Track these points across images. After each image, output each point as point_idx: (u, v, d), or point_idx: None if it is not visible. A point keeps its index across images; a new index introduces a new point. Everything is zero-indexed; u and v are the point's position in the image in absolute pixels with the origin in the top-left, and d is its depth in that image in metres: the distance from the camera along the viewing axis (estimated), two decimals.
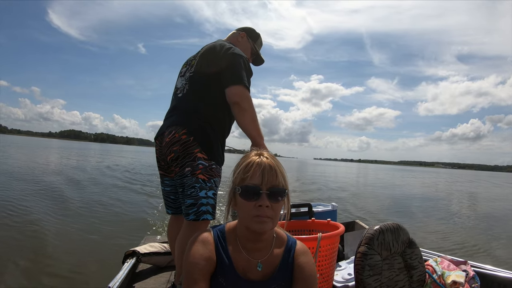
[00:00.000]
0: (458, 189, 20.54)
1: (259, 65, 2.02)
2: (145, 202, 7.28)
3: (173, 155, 1.48)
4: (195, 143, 1.46)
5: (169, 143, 1.49)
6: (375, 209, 9.02)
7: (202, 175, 1.44)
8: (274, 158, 0.88)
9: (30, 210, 5.41)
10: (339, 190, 13.96)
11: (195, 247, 0.86)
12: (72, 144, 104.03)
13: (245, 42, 1.85)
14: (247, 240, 0.89)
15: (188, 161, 1.45)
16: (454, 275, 1.45)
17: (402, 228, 1.51)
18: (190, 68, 1.65)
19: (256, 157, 0.86)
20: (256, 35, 1.92)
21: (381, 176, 33.11)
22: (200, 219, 1.43)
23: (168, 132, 1.51)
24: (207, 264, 0.84)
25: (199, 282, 0.80)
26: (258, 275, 0.88)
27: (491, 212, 10.30)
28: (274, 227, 0.88)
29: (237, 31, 1.89)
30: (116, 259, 2.45)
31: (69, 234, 4.41)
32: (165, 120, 1.64)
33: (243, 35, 1.86)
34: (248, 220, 0.84)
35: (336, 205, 2.76)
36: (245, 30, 1.89)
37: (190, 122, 1.50)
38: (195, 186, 1.43)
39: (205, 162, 1.46)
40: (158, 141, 1.61)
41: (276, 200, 0.84)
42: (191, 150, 1.45)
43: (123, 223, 5.20)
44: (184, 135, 1.46)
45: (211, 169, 1.48)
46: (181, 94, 1.62)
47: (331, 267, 1.59)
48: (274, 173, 0.84)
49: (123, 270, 1.79)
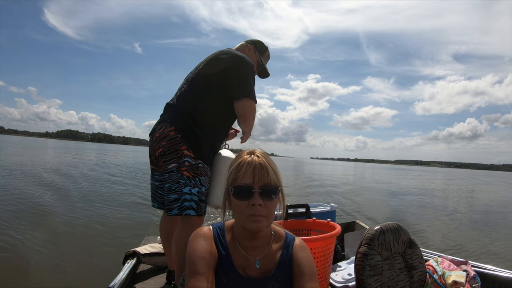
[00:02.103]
0: (457, 189, 20.62)
1: (264, 78, 2.05)
2: (145, 202, 7.26)
3: (161, 150, 1.53)
4: (183, 141, 1.50)
5: (158, 138, 1.54)
6: (374, 209, 9.04)
7: (187, 172, 1.49)
8: (265, 156, 0.88)
9: (29, 210, 5.39)
10: (338, 189, 13.97)
11: (198, 241, 0.86)
12: (70, 144, 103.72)
13: (252, 54, 1.89)
14: (244, 239, 0.89)
15: (175, 157, 1.49)
16: (454, 275, 1.46)
17: (403, 228, 1.51)
18: (195, 70, 1.70)
19: (247, 156, 0.86)
20: (264, 48, 1.95)
21: (379, 175, 33.19)
22: (182, 214, 1.48)
23: (158, 127, 1.57)
24: (212, 258, 0.84)
25: (203, 275, 0.79)
26: (257, 272, 0.89)
27: (490, 211, 10.35)
28: (269, 225, 0.88)
29: (246, 43, 1.93)
30: (116, 260, 2.45)
31: (69, 235, 4.39)
32: (160, 117, 1.69)
33: (250, 47, 1.90)
34: (242, 219, 0.84)
35: (335, 205, 2.76)
36: (253, 42, 1.93)
37: (180, 120, 1.55)
38: (179, 182, 1.48)
39: (192, 160, 1.51)
40: (151, 136, 1.66)
41: (269, 198, 0.83)
42: (178, 147, 1.50)
43: (123, 224, 5.19)
44: (172, 132, 1.51)
45: (197, 168, 1.52)
46: (179, 93, 1.67)
47: (326, 268, 1.60)
48: (265, 171, 0.84)
49: (124, 270, 1.80)
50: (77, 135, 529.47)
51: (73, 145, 78.32)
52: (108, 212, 5.96)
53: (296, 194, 11.11)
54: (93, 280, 3.03)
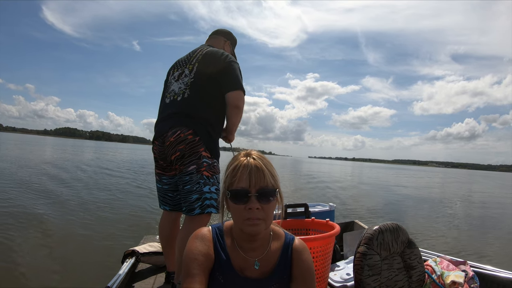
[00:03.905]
0: (455, 189, 20.71)
1: None
2: (145, 201, 7.26)
3: (178, 154, 1.57)
4: (200, 143, 1.58)
5: (174, 143, 1.57)
6: (373, 209, 9.07)
7: (206, 172, 1.58)
8: (262, 158, 0.86)
9: (29, 210, 5.37)
10: (337, 189, 13.98)
11: (193, 243, 0.87)
12: (68, 141, 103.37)
13: (228, 48, 2.03)
14: (243, 240, 0.89)
15: (194, 159, 1.56)
16: (453, 275, 1.46)
17: (401, 228, 1.52)
18: (189, 73, 1.72)
19: (243, 159, 0.85)
20: (235, 41, 2.10)
21: (377, 175, 33.27)
22: (205, 212, 1.56)
23: (172, 132, 1.59)
24: (206, 260, 0.84)
25: (197, 277, 0.80)
26: (256, 273, 0.89)
27: (488, 212, 10.41)
28: (267, 228, 0.88)
29: (220, 37, 2.01)
30: (115, 259, 2.45)
31: (68, 234, 4.39)
32: (163, 121, 1.68)
33: (228, 43, 2.03)
34: (240, 223, 0.83)
35: (334, 205, 2.76)
36: (226, 36, 2.03)
37: (196, 124, 1.61)
38: (199, 182, 1.56)
39: (209, 160, 1.60)
40: (158, 142, 1.67)
41: (267, 201, 0.83)
42: (196, 149, 1.57)
43: (122, 223, 5.18)
44: (190, 135, 1.57)
45: (213, 166, 1.62)
46: (182, 98, 1.67)
47: (325, 268, 1.60)
48: (262, 174, 0.82)
49: (123, 269, 1.80)
50: (75, 133, 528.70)
51: (71, 143, 78.10)
52: (107, 211, 5.95)
53: (294, 193, 11.13)
54: (92, 279, 3.03)
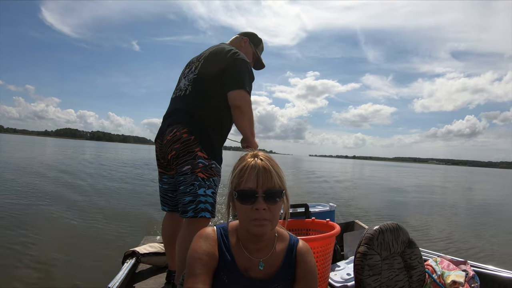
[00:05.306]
0: (455, 187, 20.66)
1: (260, 69, 2.09)
2: (145, 202, 7.27)
3: (174, 153, 1.51)
4: (196, 142, 1.50)
5: (170, 141, 1.52)
6: (374, 208, 9.06)
7: (201, 173, 1.49)
8: (269, 159, 0.87)
9: (29, 211, 5.38)
10: (337, 189, 13.98)
11: (198, 242, 0.87)
12: (69, 142, 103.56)
13: (247, 47, 1.92)
14: (248, 241, 0.90)
15: (189, 159, 1.49)
16: (453, 275, 1.46)
17: (402, 228, 1.51)
18: (194, 70, 1.68)
19: (250, 160, 0.85)
20: (258, 40, 1.99)
21: (377, 173, 33.18)
22: (198, 216, 1.47)
23: (169, 130, 1.55)
24: (210, 260, 0.84)
25: (200, 276, 0.80)
26: (260, 273, 0.89)
27: (489, 210, 10.38)
28: (273, 228, 0.88)
29: (240, 35, 1.94)
30: (115, 259, 2.45)
31: (68, 235, 4.39)
32: (165, 119, 1.66)
33: (245, 40, 1.92)
34: (246, 223, 0.84)
35: (334, 205, 2.77)
36: (247, 35, 1.95)
37: (192, 122, 1.54)
38: (194, 184, 1.47)
39: (205, 161, 1.51)
40: (159, 140, 1.64)
41: (274, 202, 0.83)
42: (191, 149, 1.49)
43: (122, 223, 5.18)
44: (185, 134, 1.50)
45: (210, 168, 1.52)
46: (184, 95, 1.64)
47: (325, 268, 1.60)
48: (269, 175, 0.83)
49: (123, 270, 1.80)
50: (76, 134, 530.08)
51: (72, 144, 78.21)
52: (107, 211, 5.96)
53: (295, 192, 11.11)
54: (92, 279, 3.03)
